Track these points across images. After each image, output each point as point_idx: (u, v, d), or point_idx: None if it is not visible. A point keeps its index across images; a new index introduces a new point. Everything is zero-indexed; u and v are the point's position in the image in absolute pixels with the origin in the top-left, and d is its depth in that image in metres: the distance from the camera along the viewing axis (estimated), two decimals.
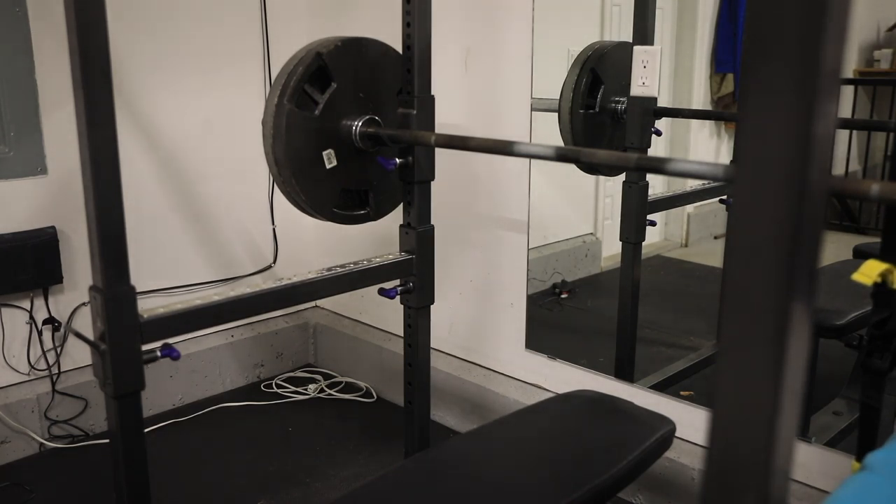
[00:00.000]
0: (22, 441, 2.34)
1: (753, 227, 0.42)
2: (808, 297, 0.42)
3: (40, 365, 2.36)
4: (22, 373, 2.34)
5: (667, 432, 1.47)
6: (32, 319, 2.32)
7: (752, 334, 0.43)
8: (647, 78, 2.08)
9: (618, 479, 1.36)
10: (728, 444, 0.45)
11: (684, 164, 1.44)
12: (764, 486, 0.44)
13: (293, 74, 1.72)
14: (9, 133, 2.18)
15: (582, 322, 3.26)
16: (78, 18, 1.29)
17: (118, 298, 1.39)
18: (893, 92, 2.33)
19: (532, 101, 2.36)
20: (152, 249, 2.54)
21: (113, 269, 1.39)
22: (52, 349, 2.37)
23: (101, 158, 1.36)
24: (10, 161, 2.20)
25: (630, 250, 2.49)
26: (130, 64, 2.38)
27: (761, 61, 0.40)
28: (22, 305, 2.30)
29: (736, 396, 0.44)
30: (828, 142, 0.40)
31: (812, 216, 0.41)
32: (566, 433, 1.54)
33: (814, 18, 0.39)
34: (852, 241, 2.44)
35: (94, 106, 1.33)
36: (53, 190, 2.29)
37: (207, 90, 2.59)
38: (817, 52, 0.39)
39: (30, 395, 2.35)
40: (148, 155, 2.49)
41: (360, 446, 2.51)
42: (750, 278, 0.42)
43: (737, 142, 0.43)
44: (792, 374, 0.43)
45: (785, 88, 0.40)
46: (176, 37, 2.49)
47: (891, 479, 0.95)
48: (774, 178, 0.41)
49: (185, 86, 2.53)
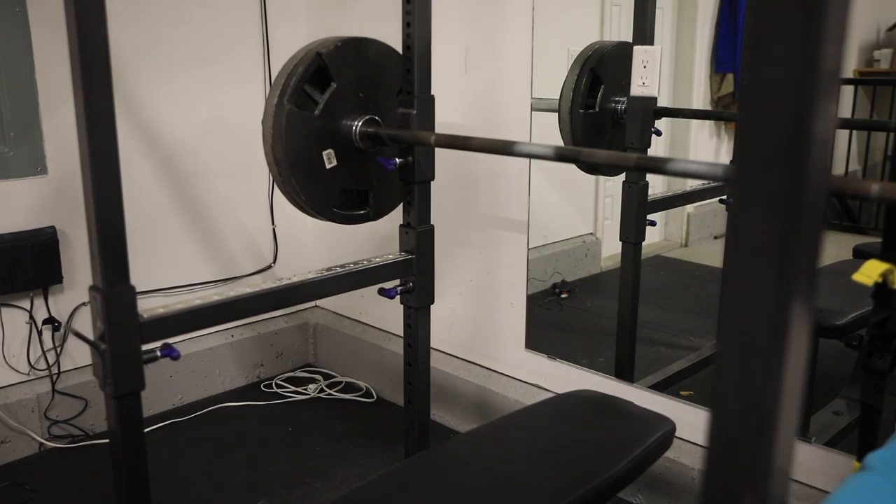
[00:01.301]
0: (22, 441, 2.34)
1: (753, 228, 0.42)
2: (808, 298, 0.42)
3: (40, 365, 2.36)
4: (22, 372, 2.34)
5: (667, 432, 1.47)
6: (32, 319, 2.32)
7: (751, 334, 0.43)
8: (646, 78, 2.08)
9: (618, 478, 1.36)
10: (728, 443, 0.45)
11: (684, 164, 1.44)
12: (764, 486, 0.44)
13: (293, 74, 1.72)
14: (9, 133, 2.18)
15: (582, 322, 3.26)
16: (78, 19, 1.29)
17: (118, 298, 1.39)
18: (893, 92, 2.33)
19: (532, 100, 2.36)
20: (152, 249, 2.54)
21: (113, 269, 1.39)
22: (52, 349, 2.38)
23: (101, 158, 1.36)
24: (10, 161, 2.20)
25: (630, 250, 2.49)
26: (131, 64, 2.38)
27: (761, 61, 0.40)
28: (22, 305, 2.30)
29: (736, 396, 0.44)
30: (828, 142, 0.40)
31: (812, 216, 0.41)
32: (566, 433, 1.54)
33: (813, 18, 0.38)
34: (852, 240, 2.44)
35: (93, 106, 1.33)
36: (53, 190, 2.29)
37: (207, 90, 2.59)
38: (817, 52, 0.39)
39: (30, 394, 2.35)
40: (148, 155, 2.49)
41: (360, 446, 2.51)
42: (750, 278, 0.42)
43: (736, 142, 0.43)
44: (792, 374, 0.43)
45: (785, 88, 0.40)
46: (176, 37, 2.50)
47: (891, 478, 0.95)
48: (774, 178, 0.41)
49: (185, 86, 2.54)
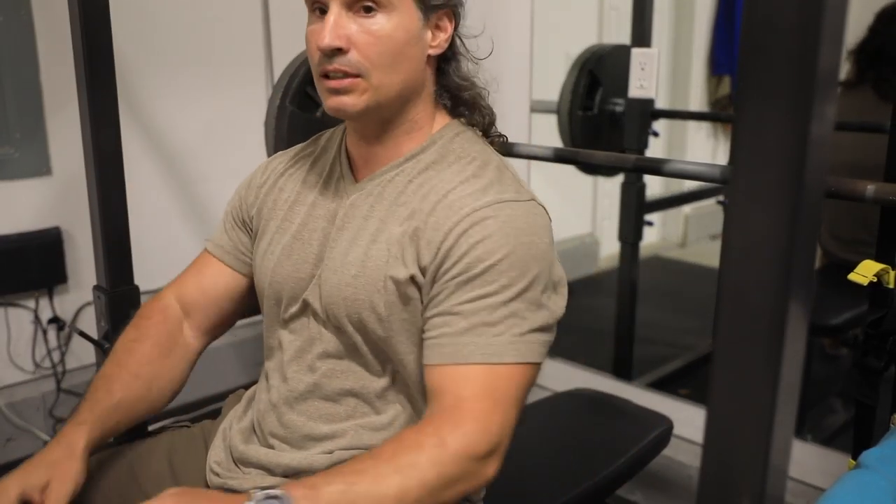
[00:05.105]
0: (27, 439, 2.34)
1: (750, 228, 0.42)
2: (804, 297, 0.42)
3: (45, 364, 2.37)
4: (27, 371, 2.35)
5: (664, 430, 1.48)
6: (37, 319, 2.33)
7: (748, 333, 0.43)
8: (644, 80, 2.09)
9: (615, 476, 1.37)
10: (725, 441, 0.45)
11: (682, 165, 1.46)
12: (760, 484, 0.44)
13: (295, 76, 1.73)
14: (14, 134, 2.18)
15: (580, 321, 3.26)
16: (82, 21, 1.30)
17: (122, 298, 1.40)
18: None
19: (531, 102, 2.37)
20: (156, 249, 2.54)
21: (117, 269, 1.40)
22: (56, 348, 2.38)
23: (105, 159, 1.37)
24: (16, 162, 2.20)
25: (628, 250, 2.50)
26: (133, 65, 2.39)
27: (758, 63, 0.40)
28: (27, 305, 2.31)
29: (733, 395, 0.44)
30: (824, 143, 0.40)
31: (808, 217, 0.41)
32: (564, 431, 1.55)
33: (810, 20, 0.39)
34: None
35: (97, 107, 1.34)
36: (58, 190, 2.30)
37: (210, 92, 2.60)
38: (814, 54, 0.39)
39: (35, 393, 2.36)
40: (151, 155, 2.50)
41: None
42: (746, 278, 0.42)
43: (733, 143, 0.43)
44: (788, 373, 0.43)
45: (781, 90, 0.40)
46: (178, 39, 2.50)
47: (885, 475, 0.97)
48: (771, 179, 0.41)
49: (188, 87, 2.54)
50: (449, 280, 0.95)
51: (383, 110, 1.01)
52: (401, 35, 0.96)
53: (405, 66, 0.99)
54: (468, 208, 0.96)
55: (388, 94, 0.98)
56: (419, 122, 1.04)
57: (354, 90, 0.97)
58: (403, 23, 0.96)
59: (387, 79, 0.97)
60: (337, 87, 0.97)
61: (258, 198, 1.17)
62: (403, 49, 0.97)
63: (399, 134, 1.04)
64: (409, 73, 1.00)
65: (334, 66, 0.96)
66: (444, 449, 0.88)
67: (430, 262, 0.96)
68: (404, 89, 1.00)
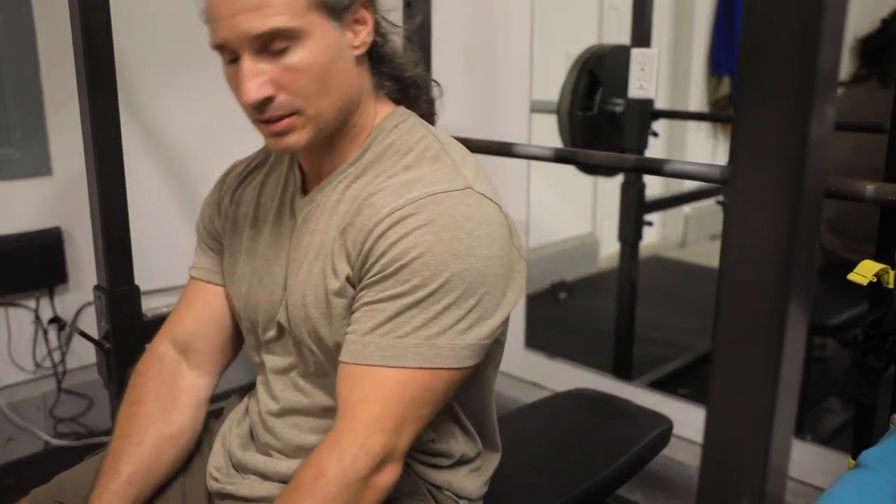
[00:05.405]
0: (28, 439, 2.35)
1: (750, 228, 0.42)
2: (804, 297, 0.42)
3: (46, 364, 2.37)
4: (28, 371, 2.35)
5: (664, 430, 1.48)
6: (38, 319, 2.33)
7: (748, 333, 0.43)
8: (644, 80, 2.09)
9: (615, 476, 1.37)
10: (725, 441, 0.45)
11: (681, 165, 1.46)
12: (760, 484, 0.44)
13: None
14: (14, 134, 2.19)
15: (580, 321, 3.27)
16: (82, 21, 1.30)
17: (122, 298, 1.41)
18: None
19: (531, 102, 2.37)
20: (156, 249, 2.54)
21: (117, 269, 1.40)
22: (57, 348, 2.38)
23: (106, 159, 1.37)
24: (16, 162, 2.20)
25: (628, 250, 2.50)
26: (133, 65, 2.39)
27: (758, 63, 0.40)
28: (27, 305, 2.31)
29: (732, 395, 0.44)
30: (824, 143, 0.40)
31: (808, 217, 0.41)
32: (564, 431, 1.55)
33: (810, 20, 0.38)
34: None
35: (98, 107, 1.35)
36: (58, 190, 2.30)
37: (210, 91, 2.59)
38: (814, 54, 0.39)
39: (35, 393, 2.36)
40: (152, 155, 2.50)
41: None
42: (746, 278, 0.42)
43: (733, 143, 0.43)
44: (788, 373, 0.43)
45: (781, 90, 0.40)
46: (178, 39, 2.50)
47: (885, 475, 0.97)
48: (770, 179, 0.41)
49: (188, 87, 2.54)
50: (367, 280, 0.93)
51: (327, 131, 0.98)
52: (321, 58, 0.92)
53: (336, 83, 0.95)
54: (388, 208, 0.92)
55: (328, 118, 0.96)
56: (361, 123, 1.01)
57: (294, 128, 0.94)
58: (320, 44, 0.92)
59: (323, 105, 0.94)
60: (276, 130, 0.94)
61: (219, 214, 1.17)
62: (329, 69, 0.93)
63: (345, 142, 1.01)
64: (343, 87, 0.96)
65: (268, 114, 0.93)
66: (323, 480, 0.87)
67: (355, 264, 0.95)
68: (343, 104, 0.97)
